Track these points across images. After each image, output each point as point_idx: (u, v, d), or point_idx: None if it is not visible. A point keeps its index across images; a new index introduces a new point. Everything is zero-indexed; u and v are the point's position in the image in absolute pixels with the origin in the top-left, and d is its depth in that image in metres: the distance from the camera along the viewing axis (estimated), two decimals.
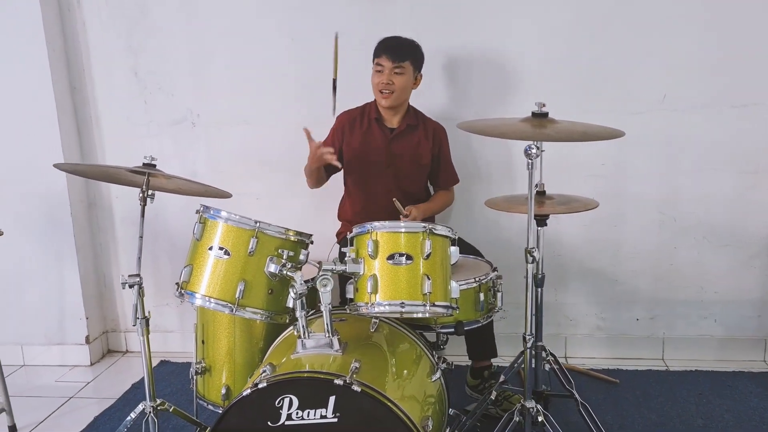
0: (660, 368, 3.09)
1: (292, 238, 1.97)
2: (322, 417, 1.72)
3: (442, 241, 1.95)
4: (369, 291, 1.86)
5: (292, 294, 1.85)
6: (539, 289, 2.41)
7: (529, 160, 1.86)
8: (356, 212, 2.81)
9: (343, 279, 2.00)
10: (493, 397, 2.38)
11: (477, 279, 2.19)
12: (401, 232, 1.90)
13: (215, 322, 2.32)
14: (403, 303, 1.86)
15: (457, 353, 2.83)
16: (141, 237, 2.13)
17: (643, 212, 3.07)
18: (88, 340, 3.39)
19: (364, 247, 1.90)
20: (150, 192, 2.19)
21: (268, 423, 1.74)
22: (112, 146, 3.34)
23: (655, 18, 2.89)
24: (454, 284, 1.95)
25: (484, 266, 2.37)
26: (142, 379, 3.16)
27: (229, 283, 1.90)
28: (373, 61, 2.67)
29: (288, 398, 1.73)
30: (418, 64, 2.68)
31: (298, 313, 1.86)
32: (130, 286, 2.04)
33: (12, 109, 3.15)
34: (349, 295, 1.94)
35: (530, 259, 1.93)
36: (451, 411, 2.43)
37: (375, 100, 2.74)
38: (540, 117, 1.90)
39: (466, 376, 2.82)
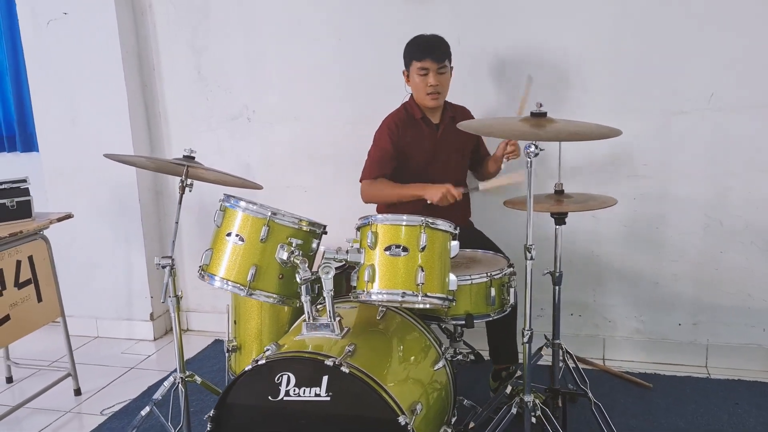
0: (701, 375, 3.01)
1: (305, 228, 2.11)
2: (316, 395, 1.85)
3: (442, 235, 2.02)
4: (366, 280, 1.97)
5: (297, 279, 1.98)
6: (557, 287, 2.43)
7: (528, 159, 1.90)
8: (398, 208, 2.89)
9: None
10: (508, 391, 2.42)
11: (489, 274, 2.24)
12: (399, 225, 1.99)
13: (246, 304, 2.50)
14: (396, 292, 1.96)
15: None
16: (177, 222, 2.33)
17: (688, 214, 3.00)
18: (152, 317, 3.69)
19: (365, 238, 2.01)
20: (189, 182, 2.40)
21: (269, 398, 1.89)
22: (177, 139, 3.60)
23: (704, 12, 2.81)
24: (452, 277, 2.02)
25: (502, 262, 2.41)
26: (196, 356, 3.47)
27: (243, 268, 2.06)
28: (410, 64, 2.69)
29: (286, 375, 1.87)
30: (451, 60, 2.73)
31: (303, 298, 1.99)
32: (163, 267, 2.25)
33: (89, 103, 3.48)
34: (353, 282, 2.05)
35: (528, 256, 1.96)
36: (466, 402, 2.52)
37: (411, 99, 2.78)
38: (539, 116, 1.93)
39: (489, 378, 2.86)
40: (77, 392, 3.07)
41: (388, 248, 1.97)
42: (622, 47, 2.93)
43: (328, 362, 1.80)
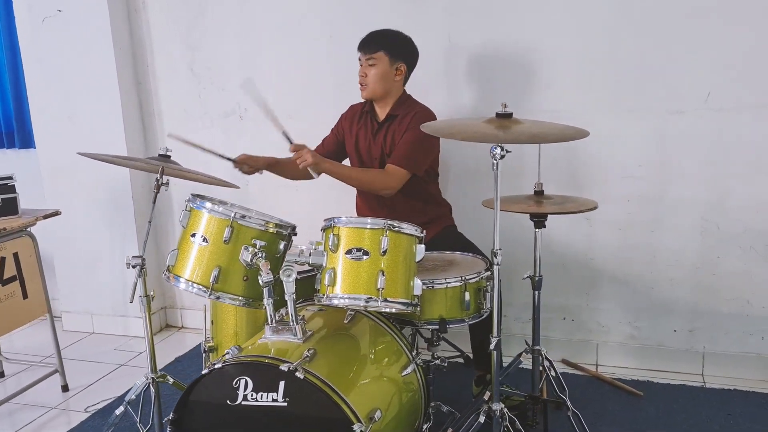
0: (695, 384, 2.91)
1: (271, 230, 2.07)
2: (273, 400, 1.82)
3: (406, 239, 1.97)
4: (327, 283, 1.93)
5: (260, 282, 1.95)
6: (536, 292, 2.36)
7: (494, 161, 1.84)
8: (359, 206, 2.85)
9: None
10: (486, 397, 2.36)
11: (463, 278, 2.18)
12: (361, 228, 1.94)
13: (222, 304, 2.47)
14: (359, 297, 1.92)
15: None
16: (150, 222, 2.32)
17: (684, 217, 2.90)
18: None
19: (327, 241, 1.97)
20: (165, 180, 2.39)
21: (228, 402, 1.86)
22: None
23: (701, 9, 2.71)
24: (417, 281, 1.97)
25: (480, 265, 2.35)
26: (187, 353, 3.47)
27: (207, 269, 2.03)
28: None
29: (244, 380, 1.84)
30: (396, 53, 2.61)
31: (265, 301, 1.96)
32: (133, 267, 2.23)
33: (85, 101, 3.49)
34: (317, 285, 2.01)
35: (495, 261, 1.90)
36: (445, 408, 2.46)
37: None
38: (504, 117, 1.87)
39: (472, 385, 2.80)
40: (65, 388, 3.09)
41: (349, 251, 1.92)
42: (617, 45, 2.84)
43: (283, 367, 1.76)
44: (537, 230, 2.29)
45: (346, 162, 2.86)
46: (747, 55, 2.70)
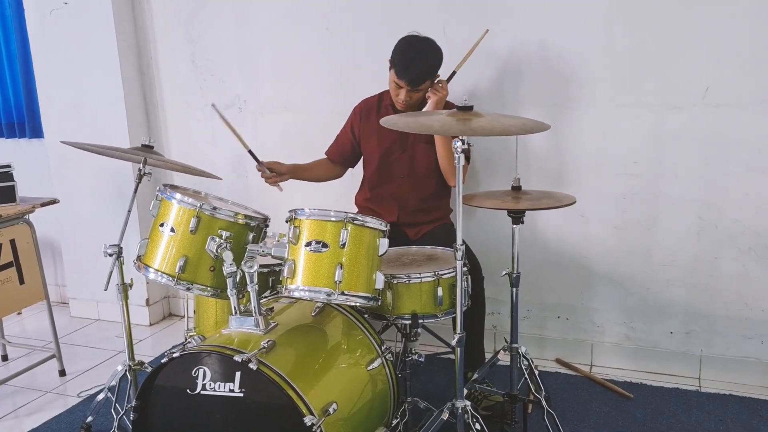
0: (690, 388, 2.82)
1: (240, 221, 2.07)
2: (230, 390, 1.83)
3: (369, 233, 1.95)
4: (287, 275, 1.93)
5: (224, 273, 1.96)
6: (514, 289, 2.32)
7: (456, 154, 1.81)
8: (367, 198, 2.85)
9: None
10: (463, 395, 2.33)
11: (436, 273, 2.16)
12: (320, 220, 1.92)
13: None
14: (320, 290, 1.91)
15: None
16: (129, 211, 2.35)
17: (681, 216, 2.81)
18: (148, 303, 3.76)
19: (289, 232, 1.96)
20: (148, 170, 2.42)
21: (188, 391, 1.88)
22: (175, 128, 3.65)
23: (699, 1, 2.62)
24: (379, 276, 1.95)
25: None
26: (182, 342, 3.51)
27: (174, 259, 2.04)
28: (391, 68, 2.60)
29: (202, 369, 1.85)
30: (435, 76, 2.63)
31: (229, 291, 1.97)
32: (110, 255, 2.27)
33: (91, 91, 3.55)
34: (281, 277, 2.01)
35: (458, 255, 1.87)
36: (422, 405, 2.44)
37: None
38: (465, 111, 1.83)
39: None
40: (62, 373, 3.16)
41: (308, 244, 1.91)
42: (613, 38, 2.76)
43: (237, 358, 1.77)
44: (515, 226, 2.25)
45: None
46: (746, 50, 2.60)
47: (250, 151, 2.68)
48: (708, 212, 2.77)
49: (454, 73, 2.68)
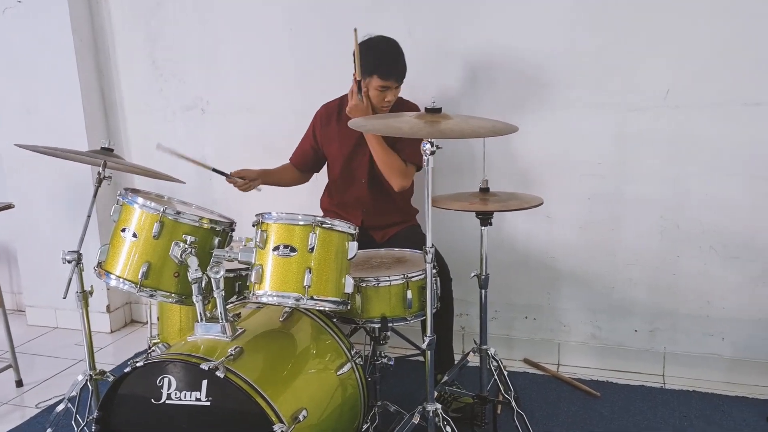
0: (655, 385, 2.87)
1: (205, 226, 2.03)
2: (197, 399, 1.78)
3: (337, 236, 1.93)
4: (254, 280, 1.89)
5: (189, 278, 1.91)
6: (483, 291, 2.32)
7: (425, 157, 1.79)
8: (332, 202, 2.83)
9: None
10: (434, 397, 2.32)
11: (405, 275, 2.14)
12: (288, 224, 1.90)
13: None
14: (288, 295, 1.88)
15: None
16: (89, 216, 2.28)
17: (643, 217, 2.85)
18: (108, 309, 3.66)
19: (256, 237, 1.92)
20: (108, 173, 2.35)
21: (152, 400, 1.82)
22: (135, 130, 3.56)
23: (660, 4, 2.65)
24: (348, 279, 1.93)
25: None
26: (145, 349, 3.43)
27: (137, 265, 1.99)
28: (371, 76, 2.53)
29: (167, 378, 1.80)
30: None
31: (194, 298, 1.92)
32: (69, 262, 2.19)
33: (46, 93, 3.45)
34: (248, 282, 1.97)
35: (427, 258, 1.86)
36: (393, 408, 2.42)
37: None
38: (433, 112, 1.82)
39: None
40: (19, 384, 3.06)
41: (276, 248, 1.88)
42: (575, 40, 2.79)
43: (204, 366, 1.72)
44: (483, 228, 2.24)
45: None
46: (706, 53, 2.65)
47: (214, 170, 2.61)
48: (670, 212, 2.82)
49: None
